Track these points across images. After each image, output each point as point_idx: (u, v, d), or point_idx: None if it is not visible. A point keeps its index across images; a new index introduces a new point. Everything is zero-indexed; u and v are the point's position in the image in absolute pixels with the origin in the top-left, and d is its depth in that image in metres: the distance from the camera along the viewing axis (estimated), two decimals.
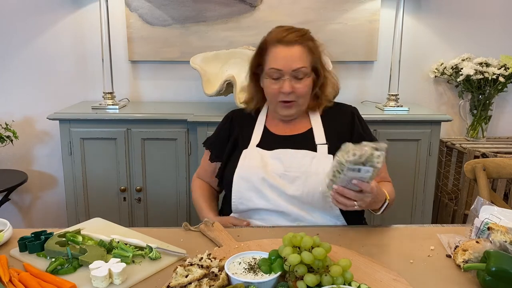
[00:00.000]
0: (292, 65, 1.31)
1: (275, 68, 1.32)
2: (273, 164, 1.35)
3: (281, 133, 1.43)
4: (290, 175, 1.32)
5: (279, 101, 1.36)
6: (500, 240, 1.02)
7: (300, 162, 1.33)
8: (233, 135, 1.47)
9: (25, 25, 2.47)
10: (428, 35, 2.53)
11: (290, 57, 1.32)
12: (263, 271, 0.92)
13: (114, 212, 2.27)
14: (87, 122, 2.17)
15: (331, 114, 1.44)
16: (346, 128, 1.41)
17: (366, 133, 1.42)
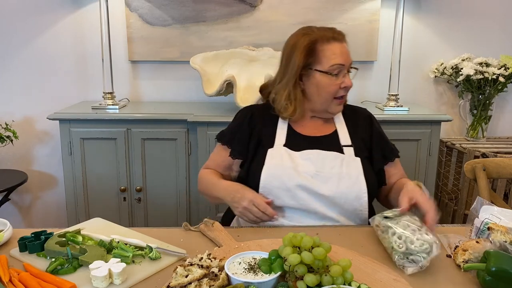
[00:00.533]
0: (349, 59, 1.36)
1: (338, 63, 1.32)
2: (304, 164, 1.33)
3: (308, 133, 1.41)
4: (322, 176, 1.32)
5: (336, 97, 1.36)
6: (500, 240, 1.02)
7: (331, 164, 1.33)
8: (255, 132, 1.42)
9: (25, 25, 2.47)
10: (428, 35, 2.53)
11: (346, 52, 1.35)
12: (263, 271, 0.92)
13: (114, 212, 2.27)
14: (87, 122, 2.17)
15: (349, 116, 1.46)
16: (366, 130, 1.44)
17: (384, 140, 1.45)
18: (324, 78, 1.34)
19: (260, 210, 1.25)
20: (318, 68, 1.34)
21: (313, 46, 1.33)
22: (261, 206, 1.25)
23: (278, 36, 2.46)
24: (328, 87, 1.35)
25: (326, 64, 1.33)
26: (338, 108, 1.40)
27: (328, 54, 1.32)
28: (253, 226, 1.31)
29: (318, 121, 1.44)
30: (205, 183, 1.45)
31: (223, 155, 1.47)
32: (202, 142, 2.14)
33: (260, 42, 2.44)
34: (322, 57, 1.33)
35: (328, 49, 1.33)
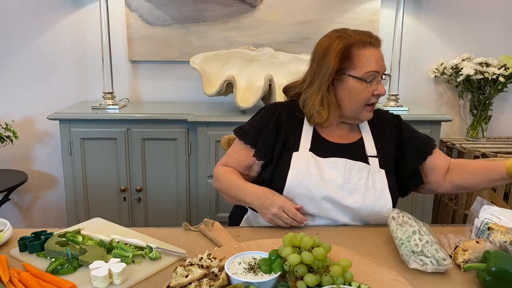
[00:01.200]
0: (384, 66, 1.31)
1: (373, 70, 1.27)
2: (330, 173, 1.29)
3: (333, 140, 1.37)
4: (349, 187, 1.28)
5: (368, 104, 1.32)
6: (500, 240, 1.02)
7: (359, 175, 1.30)
8: (282, 133, 1.36)
9: (25, 25, 2.47)
10: (428, 35, 2.53)
11: (381, 58, 1.31)
12: (263, 271, 0.92)
13: (114, 212, 2.27)
14: (87, 122, 2.17)
15: (375, 123, 1.41)
16: (393, 133, 1.41)
17: (415, 137, 1.41)
18: (358, 84, 1.29)
19: (289, 217, 1.22)
20: (352, 74, 1.28)
21: (349, 50, 1.28)
22: (291, 212, 1.22)
23: (278, 36, 2.46)
24: (361, 94, 1.29)
25: (361, 70, 1.27)
26: (368, 115, 1.35)
27: (363, 60, 1.27)
28: (253, 226, 1.31)
29: (344, 128, 1.39)
30: (226, 183, 1.36)
31: (244, 154, 1.39)
32: (202, 142, 2.14)
33: (260, 42, 2.44)
34: (357, 63, 1.27)
35: (363, 54, 1.27)
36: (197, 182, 2.22)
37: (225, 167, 1.41)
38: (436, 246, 1.04)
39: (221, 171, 1.40)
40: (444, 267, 1.00)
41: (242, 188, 1.32)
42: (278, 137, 1.36)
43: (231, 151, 1.45)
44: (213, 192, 2.19)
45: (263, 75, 2.13)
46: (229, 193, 1.36)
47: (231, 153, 1.44)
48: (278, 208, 1.22)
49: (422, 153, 1.39)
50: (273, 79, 2.10)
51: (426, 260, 1.01)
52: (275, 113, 1.38)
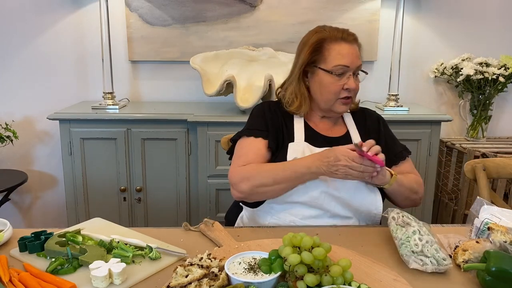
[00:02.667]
0: (357, 61, 1.33)
1: (342, 64, 1.31)
2: None
3: (322, 132, 1.42)
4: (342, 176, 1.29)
5: (339, 98, 1.35)
6: (500, 240, 1.02)
7: None
8: (280, 127, 1.40)
9: (25, 25, 2.47)
10: (428, 35, 2.53)
11: (354, 54, 1.33)
12: (263, 271, 0.92)
13: (114, 212, 2.27)
14: (87, 122, 2.17)
15: (360, 118, 1.47)
16: (375, 132, 1.44)
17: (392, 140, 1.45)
18: (327, 77, 1.34)
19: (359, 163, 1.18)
20: (322, 67, 1.34)
21: (321, 44, 1.34)
22: (357, 159, 1.18)
23: (278, 36, 2.46)
24: (330, 87, 1.34)
25: (330, 64, 1.32)
26: (342, 108, 1.38)
27: (333, 53, 1.32)
28: (253, 226, 1.31)
29: (328, 122, 1.44)
30: (268, 172, 1.27)
31: (261, 148, 1.36)
32: (202, 142, 2.14)
33: (260, 42, 2.45)
34: (327, 56, 1.33)
35: (334, 48, 1.32)
36: (197, 182, 2.22)
37: (249, 164, 1.31)
38: (436, 246, 1.04)
39: (250, 168, 1.30)
40: (444, 267, 1.00)
41: (296, 163, 1.26)
42: (278, 129, 1.40)
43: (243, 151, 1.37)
44: (213, 192, 2.19)
45: (263, 75, 2.13)
46: (280, 178, 1.26)
47: (244, 152, 1.36)
48: (345, 158, 1.18)
49: (389, 161, 1.36)
50: (273, 79, 2.10)
51: (426, 260, 1.01)
52: (270, 108, 1.44)
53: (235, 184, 1.31)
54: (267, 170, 1.28)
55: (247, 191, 1.29)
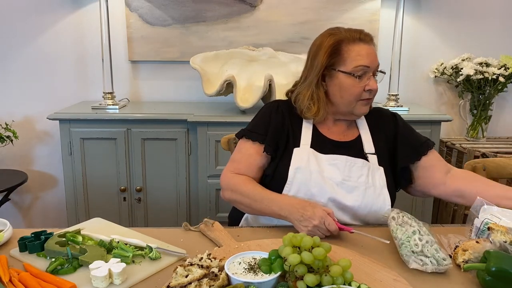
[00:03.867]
0: (376, 61, 1.31)
1: (363, 65, 1.28)
2: (330, 170, 1.30)
3: (332, 137, 1.37)
4: (349, 185, 1.28)
5: (361, 99, 1.32)
6: (500, 240, 1.02)
7: (359, 172, 1.30)
8: (286, 129, 1.37)
9: (25, 25, 2.47)
10: (428, 35, 2.53)
11: (372, 54, 1.31)
12: (263, 271, 0.92)
13: (114, 212, 2.27)
14: (87, 122, 2.17)
15: (373, 120, 1.42)
16: (391, 130, 1.40)
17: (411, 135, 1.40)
18: (347, 80, 1.30)
19: (331, 231, 1.16)
20: (342, 69, 1.30)
21: (338, 46, 1.30)
22: (331, 227, 1.16)
23: (278, 36, 2.46)
24: (351, 89, 1.30)
25: (350, 65, 1.29)
26: (363, 109, 1.34)
27: (352, 55, 1.28)
28: (253, 226, 1.31)
29: (342, 125, 1.40)
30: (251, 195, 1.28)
31: (254, 154, 1.35)
32: (202, 142, 2.14)
33: (260, 42, 2.45)
34: (346, 58, 1.29)
35: (353, 50, 1.29)
36: (197, 182, 2.22)
37: (239, 176, 1.33)
38: (436, 246, 1.04)
39: (237, 181, 1.32)
40: (444, 267, 1.00)
41: (274, 200, 1.25)
42: (282, 133, 1.36)
43: (238, 156, 1.38)
44: (213, 192, 2.19)
45: (263, 75, 2.13)
46: (255, 206, 1.28)
47: (238, 157, 1.38)
48: (320, 220, 1.16)
49: (416, 152, 1.36)
50: (273, 79, 2.10)
51: (426, 260, 1.01)
52: (278, 109, 1.40)
53: (222, 188, 1.37)
54: (248, 193, 1.29)
55: (229, 200, 1.34)
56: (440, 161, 1.37)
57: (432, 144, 1.39)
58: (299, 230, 1.18)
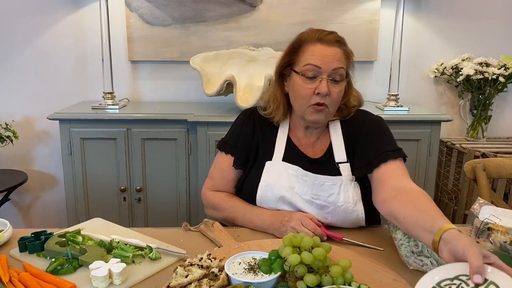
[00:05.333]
0: (332, 64, 1.21)
1: (313, 64, 1.20)
2: (300, 186, 1.26)
3: (303, 150, 1.32)
4: (318, 203, 1.24)
5: (311, 104, 1.23)
6: (500, 240, 1.02)
7: (328, 191, 1.24)
8: (255, 141, 1.34)
9: (25, 25, 2.47)
10: (428, 35, 2.53)
11: (330, 56, 1.21)
12: (263, 271, 0.92)
13: (114, 212, 2.27)
14: (87, 122, 2.17)
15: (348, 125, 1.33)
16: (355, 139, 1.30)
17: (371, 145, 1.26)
18: (298, 80, 1.24)
19: (309, 230, 1.15)
20: (295, 68, 1.25)
21: (298, 45, 1.26)
22: (309, 225, 1.16)
23: (278, 36, 2.46)
24: (300, 90, 1.23)
25: (301, 64, 1.23)
26: (314, 116, 1.24)
27: (306, 54, 1.23)
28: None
29: (312, 135, 1.33)
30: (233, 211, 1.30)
31: (228, 168, 1.36)
32: (202, 142, 2.14)
33: (260, 42, 2.45)
34: (300, 57, 1.24)
35: (309, 49, 1.23)
36: (197, 182, 2.22)
37: (217, 194, 1.36)
38: None
39: (217, 200, 1.35)
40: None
41: (256, 215, 1.26)
42: (251, 145, 1.34)
43: (214, 171, 1.39)
44: None
45: (263, 75, 2.13)
46: (238, 222, 1.29)
47: (214, 173, 1.39)
48: (297, 221, 1.17)
49: (367, 164, 1.24)
50: (273, 79, 2.10)
51: (426, 261, 1.01)
52: (250, 119, 1.38)
53: (204, 206, 1.40)
54: (230, 210, 1.31)
55: (213, 217, 1.31)
56: (392, 177, 1.19)
57: (392, 156, 1.22)
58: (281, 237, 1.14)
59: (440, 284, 0.81)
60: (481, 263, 0.78)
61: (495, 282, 0.78)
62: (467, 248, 0.81)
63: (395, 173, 1.20)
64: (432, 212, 1.00)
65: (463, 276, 0.81)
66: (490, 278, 0.79)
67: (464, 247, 0.82)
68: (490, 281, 0.78)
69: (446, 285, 0.81)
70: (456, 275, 0.82)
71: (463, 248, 0.82)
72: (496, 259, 0.81)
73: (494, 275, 0.79)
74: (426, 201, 1.05)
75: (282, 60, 1.30)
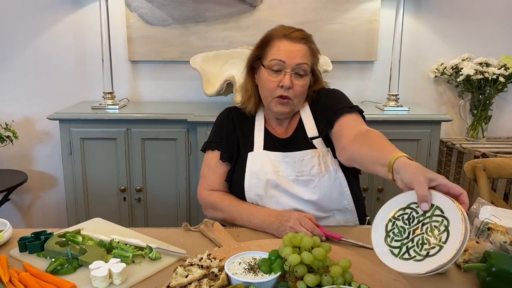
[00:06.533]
0: (295, 59, 1.30)
1: (277, 59, 1.30)
2: (283, 169, 1.32)
3: (278, 135, 1.40)
4: (302, 179, 1.30)
5: (275, 96, 1.32)
6: (500, 241, 1.02)
7: (309, 164, 1.31)
8: (236, 135, 1.41)
9: (25, 25, 2.47)
10: (428, 35, 2.53)
11: (294, 51, 1.30)
12: (263, 271, 0.92)
13: (114, 212, 2.27)
14: (87, 122, 2.17)
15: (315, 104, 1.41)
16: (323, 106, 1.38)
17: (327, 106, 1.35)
18: (265, 73, 1.33)
19: (307, 230, 1.17)
20: (263, 62, 1.35)
21: (266, 41, 1.35)
22: (308, 225, 1.18)
23: None
24: (266, 83, 1.33)
25: (268, 59, 1.33)
26: (278, 108, 1.34)
27: (272, 49, 1.32)
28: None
29: (284, 122, 1.42)
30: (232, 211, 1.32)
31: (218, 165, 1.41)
32: (202, 142, 2.12)
33: None
34: (267, 52, 1.34)
35: (276, 44, 1.32)
36: (197, 182, 2.19)
37: (214, 194, 1.39)
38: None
39: (214, 200, 1.37)
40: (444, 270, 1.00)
41: (254, 214, 1.28)
42: (234, 139, 1.41)
43: (205, 170, 1.43)
44: None
45: None
46: (237, 222, 1.31)
47: (206, 172, 1.42)
48: (295, 221, 1.19)
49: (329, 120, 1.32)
50: None
51: None
52: (229, 116, 1.45)
53: (203, 207, 1.43)
54: (228, 210, 1.32)
55: (212, 218, 1.32)
56: (349, 126, 1.26)
57: (348, 111, 1.30)
58: (280, 236, 1.19)
59: (394, 216, 0.90)
60: (425, 192, 0.84)
61: (439, 206, 0.85)
62: (413, 177, 0.87)
63: (351, 123, 1.28)
64: (385, 146, 1.05)
65: (413, 204, 0.88)
66: (436, 203, 0.86)
67: (411, 176, 0.87)
68: (436, 206, 0.85)
69: (399, 215, 0.90)
70: (408, 204, 0.89)
71: (409, 177, 0.87)
72: (442, 179, 0.87)
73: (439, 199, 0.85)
74: (378, 138, 1.11)
75: (252, 54, 1.40)
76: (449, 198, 0.84)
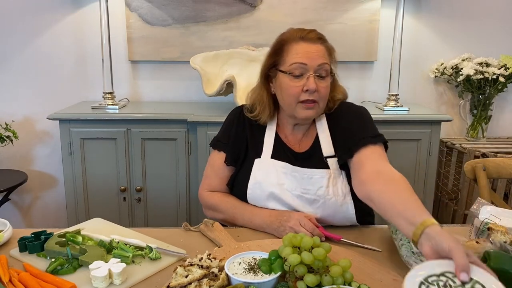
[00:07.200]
0: (317, 60, 1.24)
1: (298, 62, 1.23)
2: (289, 182, 1.27)
3: (291, 146, 1.34)
4: (307, 197, 1.26)
5: (300, 101, 1.25)
6: (500, 241, 1.02)
7: (317, 185, 1.26)
8: (245, 138, 1.36)
9: (25, 25, 2.47)
10: (428, 35, 2.53)
11: (314, 53, 1.24)
12: (263, 271, 0.92)
13: (114, 212, 2.27)
14: (87, 122, 2.17)
15: (334, 118, 1.34)
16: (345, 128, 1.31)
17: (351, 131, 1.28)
18: (286, 79, 1.26)
19: (307, 230, 1.16)
20: (281, 68, 1.27)
21: (281, 46, 1.29)
22: (308, 226, 1.17)
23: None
24: (289, 89, 1.26)
25: (287, 64, 1.26)
26: (304, 113, 1.27)
27: (291, 53, 1.26)
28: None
29: (299, 131, 1.35)
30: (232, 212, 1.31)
31: (221, 166, 1.38)
32: (202, 142, 2.14)
33: (260, 42, 2.44)
34: (285, 57, 1.27)
35: (293, 48, 1.26)
36: (197, 182, 2.21)
37: (215, 194, 1.37)
38: None
39: (215, 201, 1.36)
40: None
41: (255, 214, 1.27)
42: (242, 141, 1.36)
43: (209, 170, 1.41)
44: None
45: None
46: (237, 222, 1.30)
47: (209, 172, 1.40)
48: (295, 221, 1.18)
49: (349, 150, 1.25)
50: None
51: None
52: (240, 116, 1.40)
53: (203, 207, 1.41)
54: (229, 211, 1.31)
55: (212, 218, 1.31)
56: (371, 159, 1.20)
57: (372, 141, 1.24)
58: (280, 236, 1.18)
59: (427, 279, 0.82)
60: (467, 262, 0.80)
61: (480, 281, 0.80)
62: (453, 246, 0.83)
63: (374, 156, 1.21)
64: (414, 202, 1.00)
65: (448, 273, 0.83)
66: (475, 277, 0.81)
67: (450, 245, 0.83)
68: (475, 280, 0.80)
69: (433, 281, 0.82)
70: (442, 272, 0.83)
71: (448, 246, 0.83)
72: (475, 259, 0.83)
73: (479, 274, 0.81)
74: (407, 189, 1.05)
75: (266, 62, 1.33)
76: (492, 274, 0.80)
